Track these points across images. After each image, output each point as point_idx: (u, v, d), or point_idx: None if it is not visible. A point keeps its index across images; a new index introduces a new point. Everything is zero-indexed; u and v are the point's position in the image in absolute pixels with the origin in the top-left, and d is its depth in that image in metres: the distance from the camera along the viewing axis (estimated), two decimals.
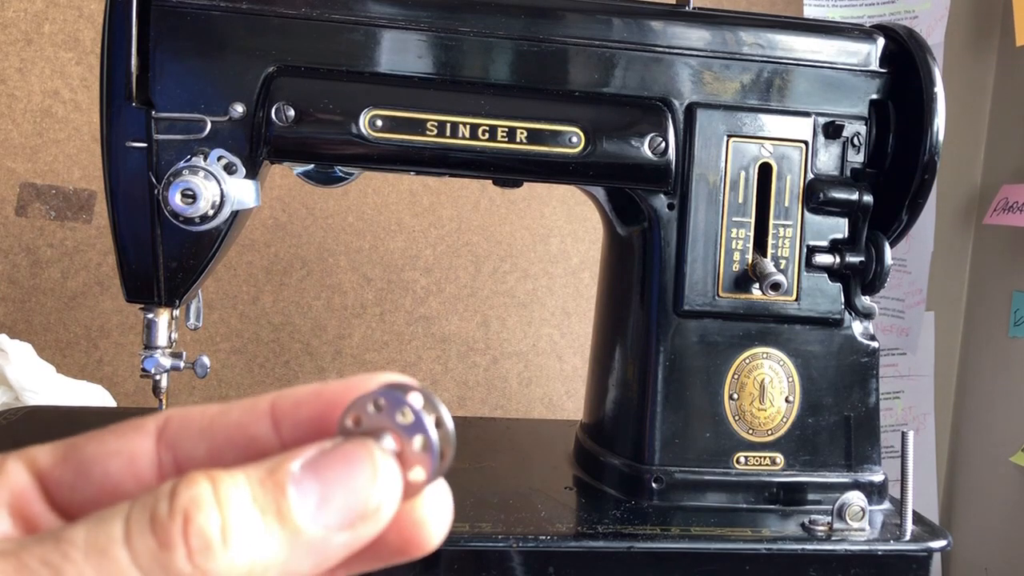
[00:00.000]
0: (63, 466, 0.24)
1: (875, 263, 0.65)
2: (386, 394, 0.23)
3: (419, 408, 0.23)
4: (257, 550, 0.21)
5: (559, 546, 0.57)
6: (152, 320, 0.61)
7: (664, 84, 0.63)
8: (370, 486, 0.22)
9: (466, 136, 0.60)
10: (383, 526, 0.23)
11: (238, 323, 1.08)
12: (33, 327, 1.02)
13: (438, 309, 1.13)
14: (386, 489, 0.23)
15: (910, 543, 0.60)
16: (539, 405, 1.17)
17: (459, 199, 1.12)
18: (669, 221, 0.64)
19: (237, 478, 0.21)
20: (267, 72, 0.59)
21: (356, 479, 0.22)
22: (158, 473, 0.24)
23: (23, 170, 1.01)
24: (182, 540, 0.20)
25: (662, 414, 0.64)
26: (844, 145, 0.66)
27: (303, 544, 0.21)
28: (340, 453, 0.23)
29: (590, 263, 1.16)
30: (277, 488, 0.21)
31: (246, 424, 0.24)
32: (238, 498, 0.21)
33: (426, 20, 0.61)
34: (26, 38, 1.00)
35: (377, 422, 0.23)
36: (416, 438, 0.23)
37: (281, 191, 1.08)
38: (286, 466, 0.22)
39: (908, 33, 0.67)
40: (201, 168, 0.55)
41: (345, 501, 0.22)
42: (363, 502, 0.22)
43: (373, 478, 0.22)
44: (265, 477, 0.22)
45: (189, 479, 0.21)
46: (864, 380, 0.66)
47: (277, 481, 0.22)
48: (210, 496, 0.21)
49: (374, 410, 0.23)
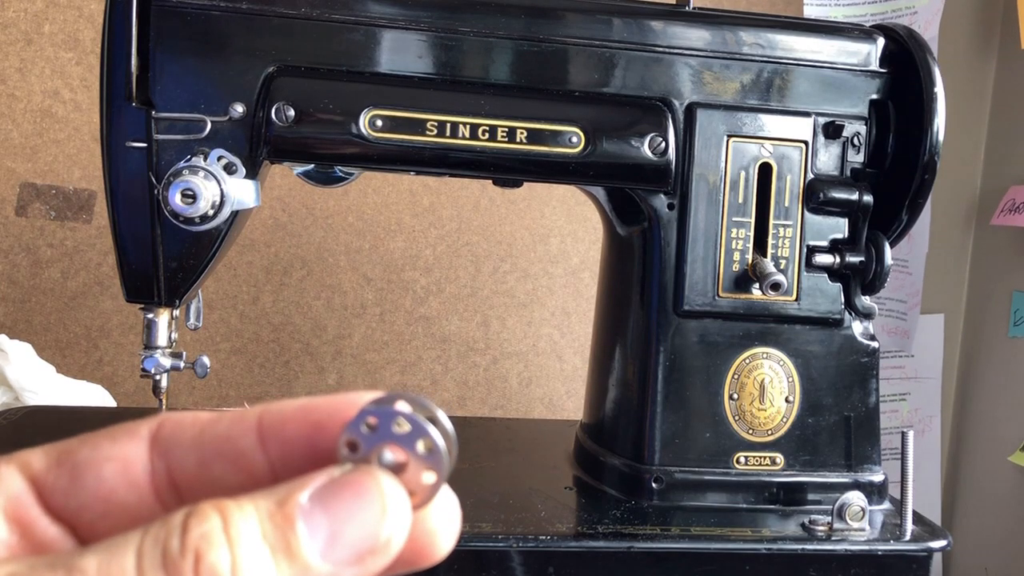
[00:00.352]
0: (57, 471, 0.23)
1: (875, 263, 0.65)
2: (375, 411, 0.23)
3: (411, 413, 0.23)
4: None
5: (559, 546, 0.57)
6: (152, 320, 0.61)
7: (664, 84, 0.63)
8: (380, 520, 0.22)
9: (466, 136, 0.60)
10: (393, 558, 0.23)
11: (238, 323, 1.08)
12: (33, 327, 1.02)
13: (438, 309, 1.13)
14: (396, 522, 0.23)
15: (910, 543, 0.60)
16: (539, 405, 1.17)
17: (459, 199, 1.12)
18: (669, 221, 0.64)
19: (247, 512, 0.21)
20: (267, 72, 0.58)
21: (366, 513, 0.22)
22: (151, 480, 0.24)
23: (23, 170, 1.01)
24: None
25: (662, 414, 0.64)
26: (844, 145, 0.66)
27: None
28: (348, 485, 0.22)
29: (590, 263, 1.16)
30: (287, 523, 0.21)
31: (234, 437, 0.24)
32: (248, 534, 0.21)
33: (426, 20, 0.61)
34: (26, 38, 1.00)
35: (375, 441, 0.23)
36: (419, 444, 0.23)
37: (281, 191, 1.08)
38: (295, 498, 0.22)
39: (908, 33, 0.67)
40: (201, 168, 0.55)
41: (355, 536, 0.22)
42: (373, 537, 0.22)
43: (383, 511, 0.22)
44: (275, 511, 0.22)
45: (200, 514, 0.21)
46: (864, 380, 0.66)
47: (287, 515, 0.22)
48: (220, 533, 0.21)
49: (368, 431, 0.23)
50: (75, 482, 0.23)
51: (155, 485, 0.24)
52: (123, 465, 0.24)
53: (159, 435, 0.24)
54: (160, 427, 0.24)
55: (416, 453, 0.23)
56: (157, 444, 0.24)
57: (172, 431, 0.24)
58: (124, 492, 0.23)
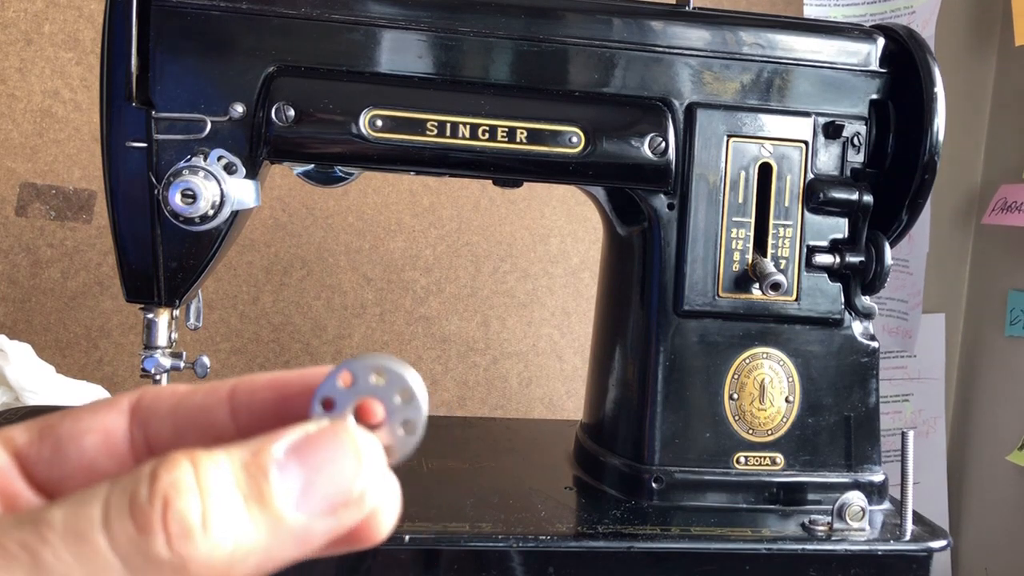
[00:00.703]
0: (40, 444, 0.24)
1: (875, 263, 0.65)
2: (349, 367, 0.23)
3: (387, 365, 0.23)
4: (238, 536, 0.20)
5: (559, 546, 0.57)
6: (152, 320, 0.61)
7: (664, 84, 0.63)
8: (355, 472, 0.22)
9: (466, 136, 0.60)
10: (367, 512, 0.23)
11: (238, 323, 1.08)
12: (33, 327, 1.02)
13: (438, 309, 1.13)
14: (370, 475, 0.22)
15: (910, 543, 0.60)
16: (539, 405, 1.17)
17: (459, 199, 1.12)
18: (669, 221, 0.64)
19: (219, 460, 0.21)
20: (267, 72, 0.58)
21: (340, 464, 0.22)
22: (131, 449, 0.24)
23: (23, 170, 1.01)
24: (161, 525, 0.20)
25: (662, 414, 0.64)
26: (844, 145, 0.66)
27: (285, 531, 0.21)
28: (323, 437, 0.22)
29: (590, 263, 1.16)
30: (260, 472, 0.21)
31: (208, 407, 0.24)
32: (219, 482, 0.21)
33: (426, 20, 0.61)
34: (26, 38, 1.00)
35: (350, 396, 0.23)
36: (395, 395, 0.23)
37: (281, 191, 1.08)
38: (268, 449, 0.22)
39: (908, 33, 0.67)
40: (201, 168, 0.55)
41: (329, 487, 0.22)
42: (347, 489, 0.22)
43: (358, 464, 0.22)
44: (248, 460, 0.21)
45: (170, 461, 0.21)
46: (864, 380, 0.66)
47: (260, 465, 0.21)
48: (191, 480, 0.20)
49: (343, 386, 0.23)
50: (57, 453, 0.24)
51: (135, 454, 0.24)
52: (103, 436, 0.24)
53: (138, 406, 0.24)
54: (140, 399, 0.24)
55: (393, 404, 0.23)
56: (136, 415, 0.24)
57: (150, 402, 0.24)
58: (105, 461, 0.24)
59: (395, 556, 0.56)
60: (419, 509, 0.59)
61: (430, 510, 0.59)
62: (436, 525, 0.57)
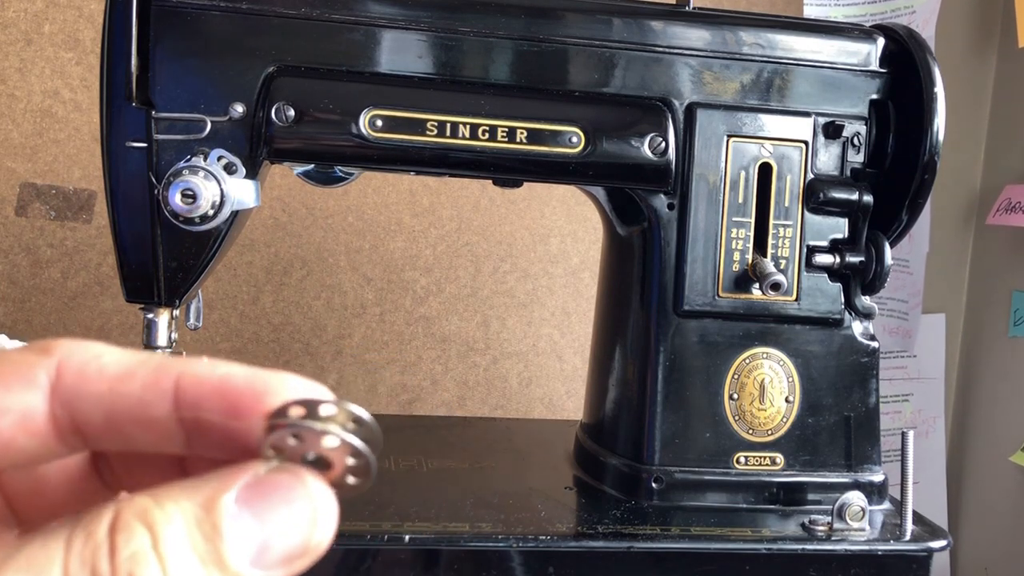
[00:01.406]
0: None
1: (875, 263, 0.65)
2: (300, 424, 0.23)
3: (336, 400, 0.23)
4: None
5: (559, 546, 0.57)
6: (152, 320, 0.61)
7: (664, 84, 0.63)
8: (311, 527, 0.22)
9: (466, 136, 0.60)
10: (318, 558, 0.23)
11: (238, 323, 1.08)
12: (33, 327, 1.02)
13: (438, 309, 1.13)
14: (325, 527, 0.23)
15: (910, 543, 0.60)
16: (539, 405, 1.17)
17: (459, 199, 1.12)
18: (669, 221, 0.64)
19: (175, 523, 0.21)
20: (267, 72, 0.59)
21: (296, 519, 0.22)
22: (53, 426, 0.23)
23: (23, 170, 1.01)
24: None
25: (662, 414, 0.64)
26: (844, 145, 0.66)
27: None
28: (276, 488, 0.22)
29: (590, 263, 1.16)
30: (214, 532, 0.21)
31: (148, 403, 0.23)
32: (178, 551, 0.21)
33: (426, 20, 0.61)
34: (26, 38, 1.00)
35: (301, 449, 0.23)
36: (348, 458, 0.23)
37: (281, 191, 1.08)
38: (220, 502, 0.22)
39: (908, 33, 0.67)
40: (201, 168, 0.55)
41: (285, 544, 0.22)
42: (304, 544, 0.22)
43: (313, 519, 0.23)
44: (203, 517, 0.22)
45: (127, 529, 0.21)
46: (864, 380, 0.66)
47: (214, 524, 0.22)
48: (151, 552, 0.21)
49: (295, 442, 0.23)
50: None
51: (58, 431, 0.23)
52: (21, 417, 0.23)
53: (59, 386, 0.23)
54: (60, 376, 0.23)
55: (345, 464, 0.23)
56: (58, 394, 0.23)
57: (75, 381, 0.23)
58: (24, 441, 0.23)
59: (395, 556, 0.56)
60: (419, 509, 0.59)
61: (430, 510, 0.59)
62: (436, 525, 0.57)
